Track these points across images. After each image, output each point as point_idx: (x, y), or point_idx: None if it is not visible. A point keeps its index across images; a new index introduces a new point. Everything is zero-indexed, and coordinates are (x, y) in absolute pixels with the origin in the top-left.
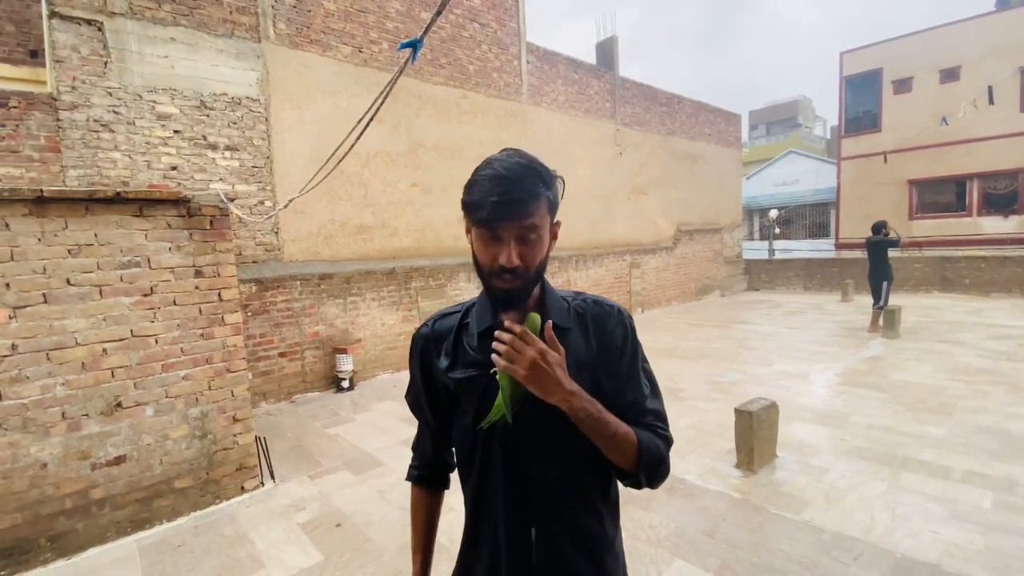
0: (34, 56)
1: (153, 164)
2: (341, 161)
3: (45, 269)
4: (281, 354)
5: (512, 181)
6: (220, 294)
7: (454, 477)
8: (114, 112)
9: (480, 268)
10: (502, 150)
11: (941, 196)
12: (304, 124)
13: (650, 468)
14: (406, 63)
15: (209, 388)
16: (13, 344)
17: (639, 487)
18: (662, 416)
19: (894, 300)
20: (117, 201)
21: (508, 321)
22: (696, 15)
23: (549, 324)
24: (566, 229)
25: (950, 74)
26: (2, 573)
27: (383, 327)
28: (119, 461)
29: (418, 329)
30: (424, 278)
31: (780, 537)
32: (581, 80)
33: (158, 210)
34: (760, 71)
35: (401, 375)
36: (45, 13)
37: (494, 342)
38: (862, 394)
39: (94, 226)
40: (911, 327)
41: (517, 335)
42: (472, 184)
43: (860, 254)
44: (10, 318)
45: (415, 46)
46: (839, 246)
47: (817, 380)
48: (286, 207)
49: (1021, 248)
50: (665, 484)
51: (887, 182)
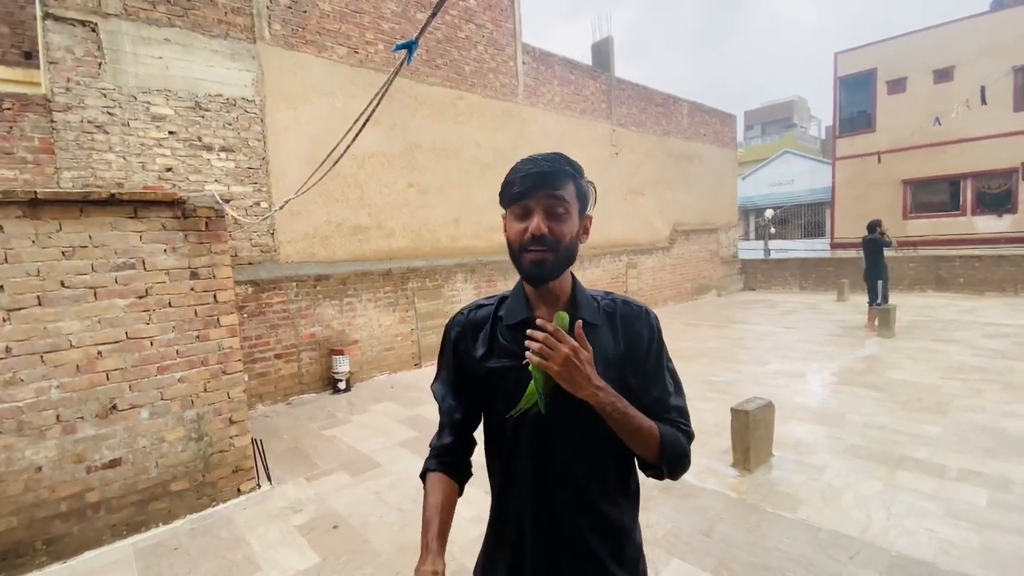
0: (28, 57)
1: (148, 165)
2: (337, 162)
3: (39, 271)
4: (277, 356)
5: (541, 161)
6: (216, 296)
7: (474, 481)
8: (108, 113)
9: (512, 249)
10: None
11: (935, 196)
12: (300, 125)
13: (672, 461)
14: (401, 64)
15: (205, 390)
16: (7, 347)
17: (661, 478)
18: (684, 413)
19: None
20: (111, 203)
21: (541, 320)
22: (693, 16)
23: (580, 324)
24: None
25: (944, 74)
26: None
27: (380, 328)
28: (114, 464)
29: (452, 318)
30: (420, 279)
31: (777, 536)
32: (577, 81)
33: (153, 212)
34: (756, 72)
35: (398, 376)
36: (39, 14)
37: (527, 339)
38: (858, 393)
39: (88, 228)
40: (906, 326)
41: (550, 333)
42: (508, 174)
43: (855, 253)
44: (4, 321)
45: (410, 48)
46: (834, 246)
47: (813, 379)
48: (282, 208)
49: (1015, 247)
50: (661, 484)
51: (882, 182)
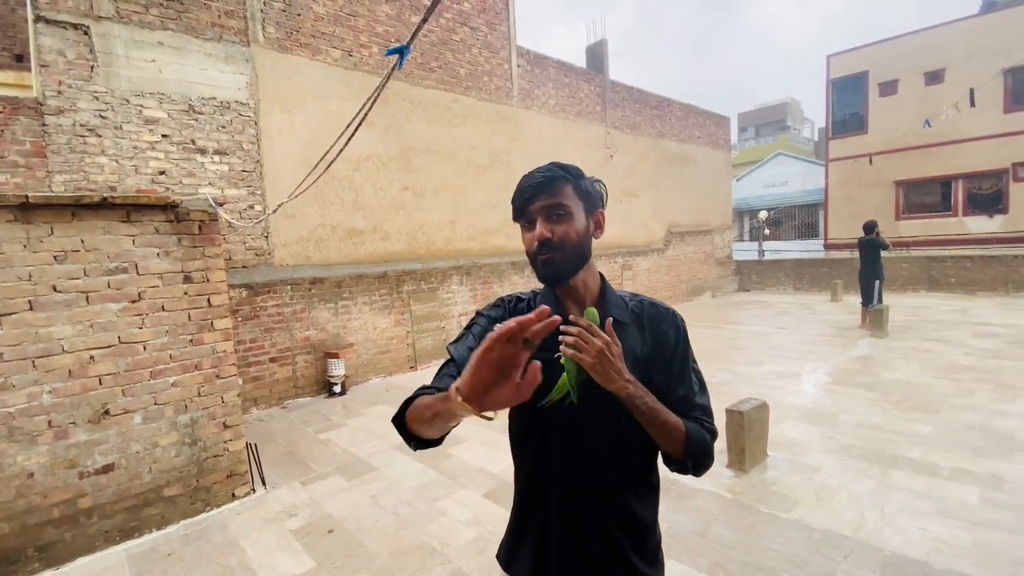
0: (20, 60)
1: (141, 169)
2: (331, 165)
3: (31, 276)
4: (272, 359)
5: (537, 174)
6: (209, 299)
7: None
8: (101, 117)
9: (529, 257)
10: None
11: (927, 197)
12: (294, 128)
13: (696, 456)
14: (393, 69)
15: (199, 394)
16: None
17: (685, 473)
18: (709, 412)
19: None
20: (104, 206)
21: (574, 316)
22: (686, 19)
23: (610, 320)
24: None
25: (934, 76)
26: None
27: (375, 331)
28: (107, 469)
29: (493, 303)
30: (416, 281)
31: (771, 536)
32: (571, 83)
33: (146, 215)
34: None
35: (394, 379)
36: (31, 17)
37: (562, 328)
38: (851, 393)
39: (80, 232)
40: (899, 326)
41: (584, 328)
42: (514, 192)
43: (849, 254)
44: None
45: (402, 52)
46: (828, 246)
47: (807, 379)
48: (276, 211)
49: (1006, 247)
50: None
51: (874, 183)
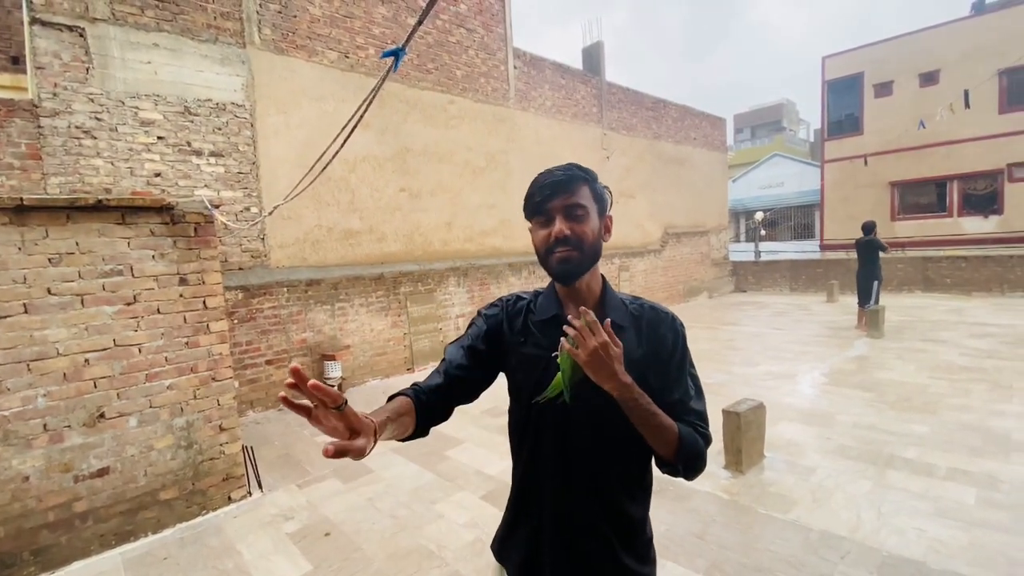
0: (15, 62)
1: (136, 171)
2: (327, 166)
3: (25, 278)
4: (268, 362)
5: (555, 171)
6: (205, 302)
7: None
8: (96, 118)
9: (539, 254)
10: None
11: (922, 197)
12: (290, 129)
13: (688, 460)
14: (388, 71)
15: (194, 397)
16: None
17: (676, 475)
18: (704, 417)
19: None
20: (99, 209)
21: (581, 310)
22: (681, 21)
23: (608, 321)
24: None
25: (929, 77)
26: None
27: (372, 333)
28: (102, 473)
29: (493, 303)
30: (413, 283)
31: (769, 537)
32: (568, 85)
33: (141, 217)
34: (745, 75)
35: (391, 381)
36: (26, 19)
37: (565, 326)
38: (847, 393)
39: (75, 234)
40: (895, 326)
41: (588, 324)
42: (528, 189)
43: (845, 255)
44: None
45: (398, 54)
46: (824, 247)
47: (803, 380)
48: (272, 213)
49: (1001, 248)
50: (655, 486)
51: (869, 184)
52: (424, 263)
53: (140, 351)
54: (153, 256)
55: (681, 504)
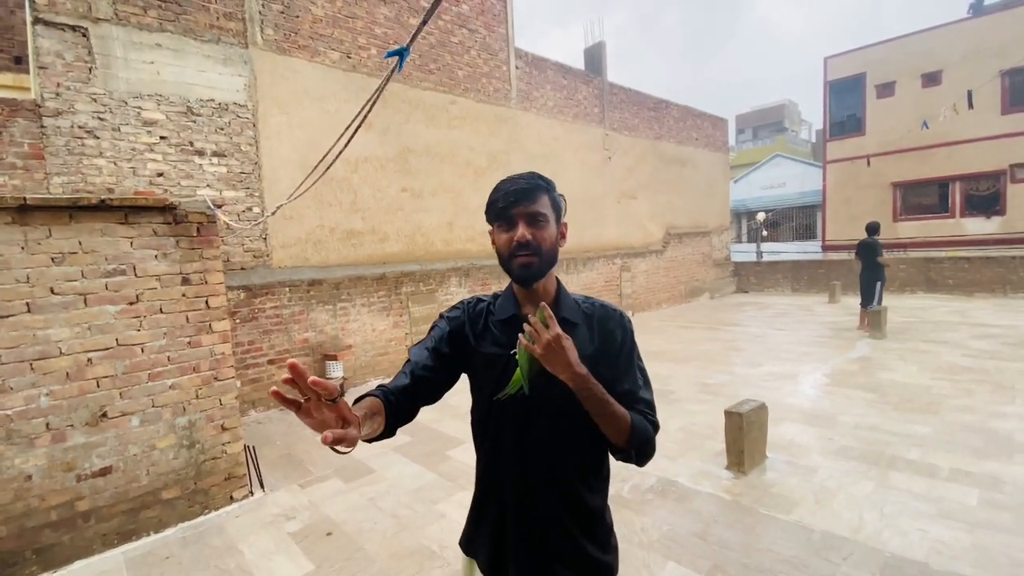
0: (18, 62)
1: (139, 171)
2: (330, 167)
3: (28, 278)
4: (270, 361)
5: (518, 179)
6: (207, 301)
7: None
8: (99, 118)
9: (502, 257)
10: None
11: (925, 198)
12: (292, 129)
13: (639, 446)
14: (392, 71)
15: (197, 397)
16: None
17: (629, 461)
18: (652, 405)
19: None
20: (102, 208)
21: (536, 312)
22: (684, 21)
23: (549, 310)
24: None
25: (932, 78)
26: None
27: (373, 333)
28: (105, 472)
29: (454, 306)
30: (415, 283)
31: (771, 538)
32: (570, 85)
33: (144, 217)
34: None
35: None
36: (29, 19)
37: (525, 324)
38: (850, 394)
39: (78, 234)
40: (897, 327)
41: (542, 319)
42: (491, 194)
43: (847, 256)
44: None
45: (401, 54)
46: (826, 248)
47: (805, 381)
48: (274, 213)
49: (1003, 248)
50: (657, 487)
51: (872, 185)
52: (426, 263)
53: (142, 350)
54: (156, 256)
55: (683, 505)
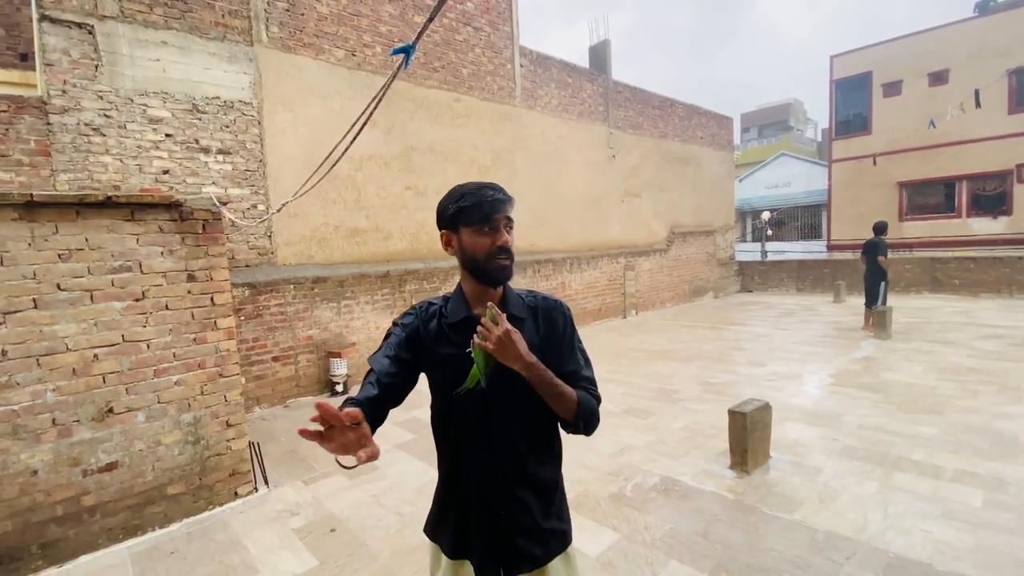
0: (24, 59)
1: (145, 168)
2: (335, 165)
3: (35, 274)
4: (274, 358)
5: (495, 187)
6: (213, 298)
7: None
8: (105, 116)
9: (476, 258)
10: (466, 183)
11: (931, 198)
12: (297, 127)
13: (587, 418)
14: (399, 69)
15: (202, 393)
16: (3, 350)
17: (578, 433)
18: (593, 382)
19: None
20: (108, 205)
21: (486, 315)
22: (688, 19)
23: (496, 308)
24: (561, 231)
25: (939, 77)
26: None
27: (377, 330)
28: (110, 467)
29: (406, 313)
30: (418, 281)
31: (774, 537)
32: (574, 83)
33: (150, 214)
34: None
35: None
36: (35, 16)
37: (478, 326)
38: (854, 394)
39: (85, 231)
40: (902, 327)
41: (491, 317)
42: (460, 198)
43: (852, 256)
44: (0, 324)
45: (407, 52)
46: (831, 247)
47: (810, 381)
48: (279, 211)
49: (1010, 248)
50: (660, 486)
51: (877, 184)
52: (430, 261)
53: (148, 347)
54: (161, 252)
55: (686, 504)
